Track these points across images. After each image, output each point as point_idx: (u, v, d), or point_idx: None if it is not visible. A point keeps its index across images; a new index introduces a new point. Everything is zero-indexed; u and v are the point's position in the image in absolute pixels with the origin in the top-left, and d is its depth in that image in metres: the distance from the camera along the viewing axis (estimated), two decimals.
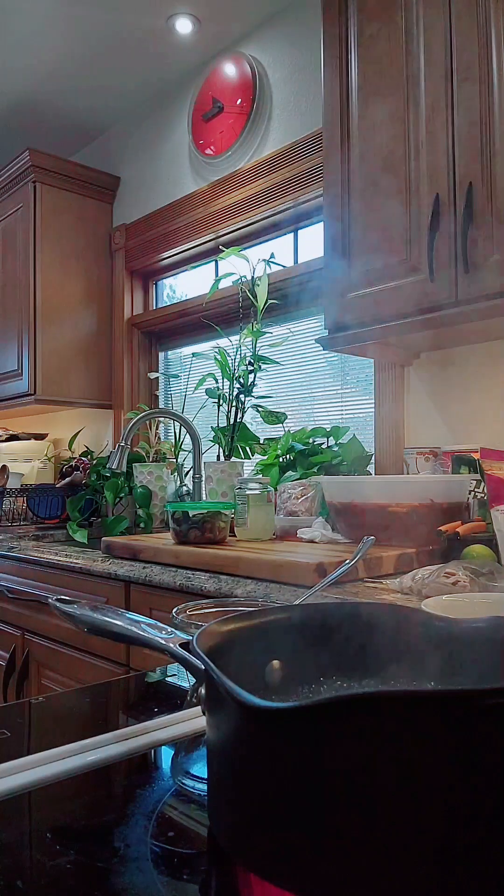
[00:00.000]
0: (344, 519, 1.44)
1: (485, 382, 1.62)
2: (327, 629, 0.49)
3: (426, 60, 1.34)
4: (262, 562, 1.26)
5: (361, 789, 0.30)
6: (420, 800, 0.29)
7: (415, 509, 1.32)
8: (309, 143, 2.01)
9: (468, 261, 1.26)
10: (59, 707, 0.65)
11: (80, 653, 1.65)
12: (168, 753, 0.53)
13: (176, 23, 2.20)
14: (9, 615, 1.97)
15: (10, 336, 2.70)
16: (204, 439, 2.04)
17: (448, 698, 0.29)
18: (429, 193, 1.33)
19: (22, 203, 2.65)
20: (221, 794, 0.38)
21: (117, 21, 2.21)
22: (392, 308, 1.39)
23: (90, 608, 0.56)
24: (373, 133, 1.44)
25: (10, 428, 3.06)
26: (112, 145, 2.88)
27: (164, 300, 2.81)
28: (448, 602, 0.85)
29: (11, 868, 0.36)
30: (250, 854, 0.34)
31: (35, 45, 2.35)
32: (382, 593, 1.09)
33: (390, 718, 0.29)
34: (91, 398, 2.75)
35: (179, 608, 0.67)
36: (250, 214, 2.21)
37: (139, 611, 1.46)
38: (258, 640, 0.47)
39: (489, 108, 1.25)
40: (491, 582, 1.03)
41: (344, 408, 2.04)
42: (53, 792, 0.46)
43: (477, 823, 0.29)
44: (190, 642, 0.45)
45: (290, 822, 0.32)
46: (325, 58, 1.54)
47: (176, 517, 1.52)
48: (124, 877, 0.35)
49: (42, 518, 2.50)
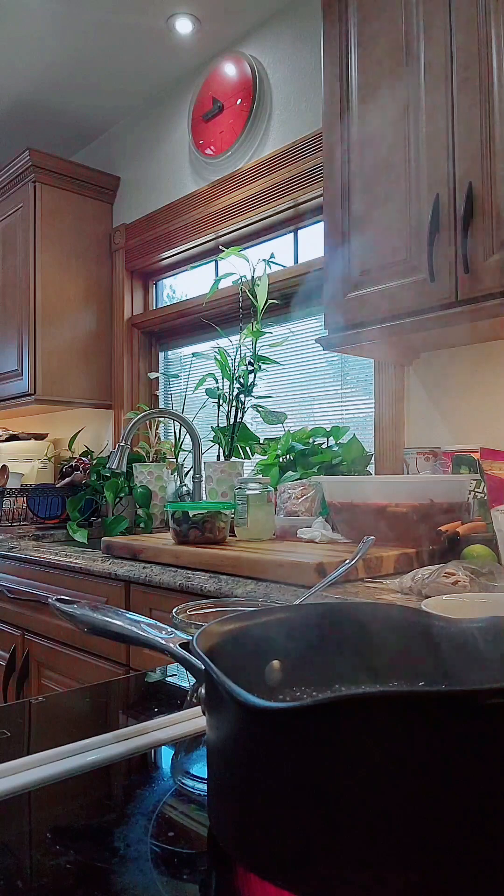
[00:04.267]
0: (344, 519, 1.44)
1: (485, 382, 1.62)
2: (327, 629, 0.49)
3: (426, 60, 1.34)
4: (262, 562, 1.26)
5: (361, 789, 0.30)
6: (420, 799, 0.29)
7: (415, 509, 1.32)
8: (309, 143, 2.01)
9: (468, 261, 1.26)
10: (59, 707, 0.65)
11: (80, 653, 1.65)
12: (168, 753, 0.53)
13: (176, 23, 2.20)
14: (9, 615, 1.97)
15: (10, 336, 2.70)
16: (204, 439, 2.04)
17: (448, 698, 0.29)
18: (429, 193, 1.33)
19: (22, 203, 2.65)
20: (221, 794, 0.38)
21: (117, 21, 2.21)
22: (392, 308, 1.39)
23: (90, 608, 0.56)
24: (373, 133, 1.44)
25: (10, 428, 3.06)
26: (112, 145, 2.88)
27: (164, 300, 2.81)
28: (448, 602, 0.85)
29: (11, 868, 0.36)
30: (250, 854, 0.34)
31: (35, 45, 2.35)
32: (382, 593, 1.09)
33: (390, 718, 0.29)
34: (91, 398, 2.75)
35: (179, 608, 0.67)
36: (250, 214, 2.21)
37: (139, 611, 1.46)
38: (258, 640, 0.47)
39: (489, 109, 1.25)
40: (491, 582, 1.03)
41: (344, 408, 2.04)
42: (53, 792, 0.46)
43: (478, 823, 0.29)
44: (190, 642, 0.45)
45: (290, 822, 0.32)
46: (325, 58, 1.54)
47: (176, 517, 1.52)
48: (124, 877, 0.35)
49: (42, 518, 2.50)
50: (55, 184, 2.64)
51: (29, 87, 2.60)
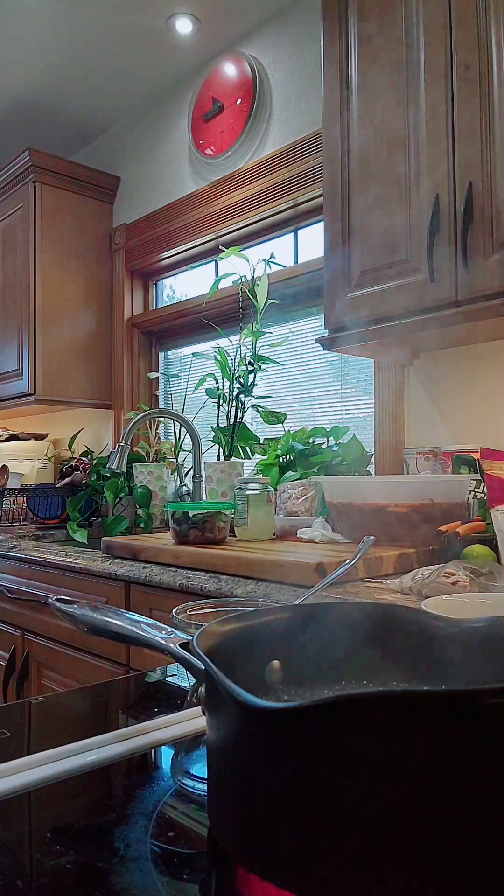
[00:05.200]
0: (344, 519, 1.44)
1: (485, 382, 1.62)
2: (327, 629, 0.49)
3: (426, 60, 1.34)
4: (262, 562, 1.26)
5: (361, 789, 0.30)
6: (420, 800, 0.29)
7: (415, 509, 1.32)
8: (309, 142, 2.01)
9: (468, 261, 1.26)
10: (59, 707, 0.65)
11: (80, 653, 1.65)
12: (168, 753, 0.53)
13: (176, 23, 2.20)
14: (9, 615, 1.97)
15: (10, 336, 2.70)
16: (204, 439, 2.04)
17: (448, 698, 0.29)
18: (429, 193, 1.33)
19: (22, 203, 2.65)
20: (222, 794, 0.38)
21: (117, 21, 2.21)
22: (392, 308, 1.39)
23: (90, 608, 0.56)
24: (372, 133, 1.44)
25: (10, 428, 3.06)
26: (112, 145, 2.88)
27: (164, 300, 2.81)
28: (448, 602, 0.85)
29: (11, 868, 0.36)
30: (250, 854, 0.34)
31: (35, 45, 2.35)
32: (382, 593, 1.09)
33: (390, 718, 0.29)
34: (91, 398, 2.75)
35: (179, 608, 0.67)
36: (250, 214, 2.21)
37: (139, 611, 1.46)
38: (258, 640, 0.47)
39: (489, 108, 1.25)
40: (491, 582, 1.03)
41: (344, 408, 2.04)
42: (53, 792, 0.46)
43: (478, 823, 0.29)
44: (190, 642, 0.45)
45: (290, 822, 0.32)
46: (325, 57, 1.54)
47: (176, 517, 1.52)
48: (124, 877, 0.35)
49: (42, 518, 2.50)
50: (55, 184, 2.64)
51: (29, 87, 2.60)
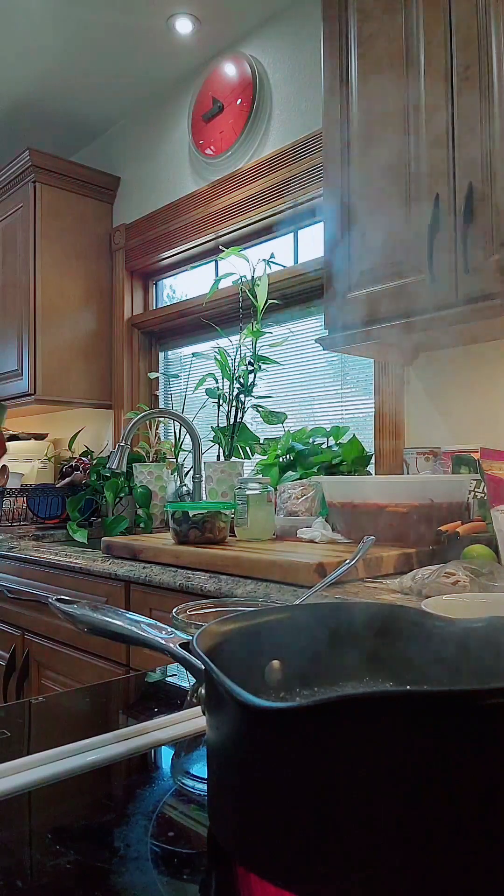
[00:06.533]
0: (344, 519, 1.44)
1: (485, 382, 1.62)
2: (327, 629, 0.49)
3: (426, 60, 1.34)
4: (262, 562, 1.26)
5: (361, 789, 0.30)
6: (420, 800, 0.29)
7: (415, 509, 1.32)
8: (309, 142, 2.01)
9: (468, 261, 1.26)
10: (59, 707, 0.65)
11: (80, 653, 1.65)
12: (168, 753, 0.53)
13: (176, 23, 2.20)
14: (9, 615, 1.97)
15: (10, 336, 2.70)
16: (204, 439, 2.04)
17: (448, 698, 0.29)
18: (429, 193, 1.33)
19: (22, 203, 2.65)
20: (221, 794, 0.38)
21: (117, 21, 2.21)
22: (392, 308, 1.39)
23: (90, 608, 0.56)
24: (373, 133, 1.44)
25: (10, 428, 3.06)
26: (112, 145, 2.88)
27: (164, 300, 2.81)
28: (448, 602, 0.85)
29: (11, 868, 0.36)
30: (250, 854, 0.34)
31: (35, 45, 2.35)
32: (382, 593, 1.09)
33: (390, 718, 0.29)
34: (91, 398, 2.75)
35: (179, 608, 0.67)
36: (250, 214, 2.21)
37: (139, 611, 1.46)
38: (258, 640, 0.47)
39: (489, 108, 1.25)
40: (491, 582, 1.03)
41: (344, 408, 2.04)
42: (53, 792, 0.46)
43: (478, 823, 0.29)
44: (190, 642, 0.45)
45: (291, 823, 0.32)
46: (325, 57, 1.54)
47: (176, 517, 1.52)
48: (124, 877, 0.35)
49: (42, 518, 2.50)
50: (55, 184, 2.64)
51: (29, 88, 2.60)
